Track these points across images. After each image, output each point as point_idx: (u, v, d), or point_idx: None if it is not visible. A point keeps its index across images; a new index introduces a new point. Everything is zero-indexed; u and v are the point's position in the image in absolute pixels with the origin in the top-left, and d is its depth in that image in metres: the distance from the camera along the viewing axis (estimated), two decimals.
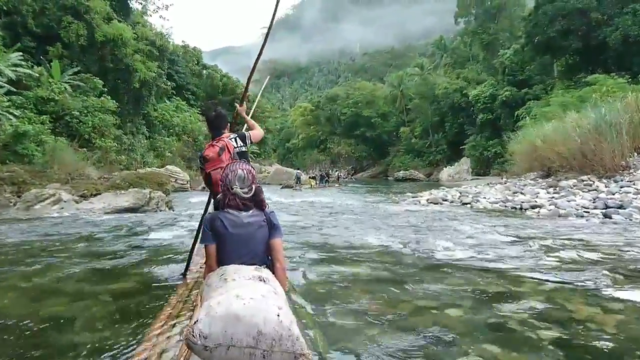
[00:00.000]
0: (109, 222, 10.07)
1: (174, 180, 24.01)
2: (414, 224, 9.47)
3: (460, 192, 15.38)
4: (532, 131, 18.38)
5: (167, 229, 9.11)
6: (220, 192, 2.71)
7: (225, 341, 1.71)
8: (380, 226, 9.17)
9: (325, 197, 20.33)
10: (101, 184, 18.85)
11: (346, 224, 9.74)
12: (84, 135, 23.65)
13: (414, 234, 7.92)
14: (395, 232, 8.27)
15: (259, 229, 2.54)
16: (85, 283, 4.69)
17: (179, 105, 41.19)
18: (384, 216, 11.12)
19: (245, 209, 2.55)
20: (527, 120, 25.86)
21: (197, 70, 49.39)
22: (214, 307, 1.78)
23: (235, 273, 2.20)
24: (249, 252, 2.49)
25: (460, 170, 41.96)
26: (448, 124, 57.39)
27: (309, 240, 7.51)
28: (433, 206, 13.73)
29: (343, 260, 5.79)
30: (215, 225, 2.51)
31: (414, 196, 16.52)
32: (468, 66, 60.13)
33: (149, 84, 31.33)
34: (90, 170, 20.70)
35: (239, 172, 2.59)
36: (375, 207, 14.25)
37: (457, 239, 7.34)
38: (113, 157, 25.08)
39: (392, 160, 66.12)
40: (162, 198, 13.04)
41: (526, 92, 42.40)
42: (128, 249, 6.79)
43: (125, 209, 11.89)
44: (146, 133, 33.89)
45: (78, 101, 24.39)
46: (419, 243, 6.98)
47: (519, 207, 11.64)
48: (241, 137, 4.00)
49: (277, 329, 1.74)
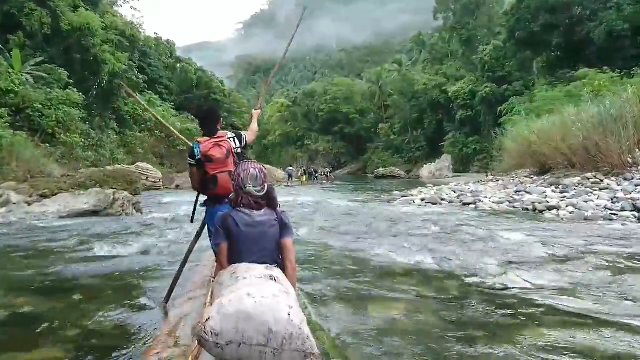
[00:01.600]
0: (61, 229, 8.59)
1: (145, 178, 22.46)
2: (428, 229, 8.42)
3: (455, 191, 14.45)
4: (525, 126, 17.56)
5: (131, 239, 7.55)
6: (222, 195, 2.99)
7: (236, 339, 1.71)
8: (390, 233, 8.08)
9: (311, 196, 19.07)
10: (64, 182, 17.27)
11: (349, 230, 8.63)
12: (47, 130, 21.94)
13: (437, 245, 6.74)
14: (413, 241, 7.11)
15: (270, 228, 2.52)
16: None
17: (151, 99, 39.35)
18: (386, 220, 10.00)
19: (258, 207, 2.54)
20: (513, 116, 25.23)
21: (170, 64, 47.50)
22: (225, 304, 1.78)
23: (247, 271, 2.19)
24: (260, 251, 2.47)
25: (442, 167, 41.46)
26: (427, 120, 56.98)
27: (314, 259, 6.04)
28: (432, 207, 12.69)
29: (368, 296, 4.25)
30: (227, 223, 2.50)
31: (403, 195, 15.52)
32: (447, 62, 59.70)
33: (119, 76, 29.61)
34: (53, 168, 19.12)
35: (251, 171, 2.57)
36: (369, 208, 13.14)
37: (494, 252, 6.14)
38: (79, 154, 23.42)
39: (370, 157, 65.47)
40: (128, 199, 11.59)
41: (506, 88, 42.23)
42: (68, 276, 4.97)
43: (84, 212, 10.40)
44: (116, 128, 32.13)
45: (41, 93, 22.63)
46: (452, 259, 5.71)
47: (531, 208, 10.67)
48: (238, 138, 3.71)
49: (287, 327, 1.73)
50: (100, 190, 10.93)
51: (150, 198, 17.87)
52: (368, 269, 5.41)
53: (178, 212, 12.09)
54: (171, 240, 7.44)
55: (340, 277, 5.02)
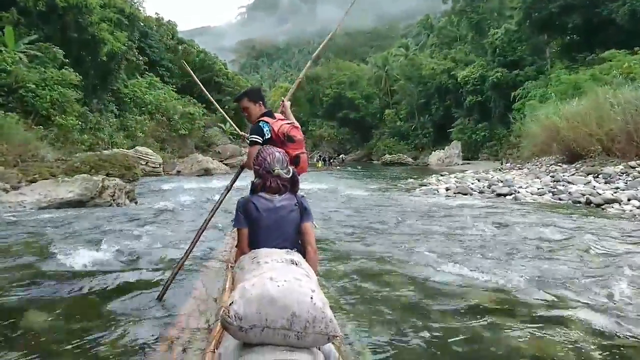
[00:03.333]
0: (34, 225, 7.26)
1: (144, 163, 21.33)
2: (481, 228, 7.04)
3: (479, 180, 13.30)
4: (551, 111, 16.35)
5: (117, 240, 6.02)
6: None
7: (260, 323, 1.69)
8: (434, 235, 6.72)
9: (324, 183, 17.80)
10: (57, 167, 16.27)
11: (381, 229, 7.32)
12: (41, 112, 20.81)
13: (515, 255, 5.23)
14: (474, 248, 5.61)
15: (290, 213, 2.49)
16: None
17: (152, 81, 38.09)
18: (419, 214, 8.73)
19: (285, 190, 2.53)
20: (529, 100, 23.98)
21: (172, 45, 45.95)
22: (248, 289, 1.76)
23: (268, 256, 2.17)
24: (281, 236, 2.45)
25: (451, 154, 40.26)
26: (434, 106, 55.58)
27: (342, 274, 4.46)
28: (464, 198, 11.39)
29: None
30: (248, 208, 2.48)
31: (422, 184, 14.37)
32: (456, 47, 58.14)
33: (117, 56, 28.36)
34: (46, 151, 18.06)
35: (277, 154, 2.59)
36: (391, 199, 11.90)
37: (605, 268, 4.67)
38: (75, 137, 22.30)
39: (376, 144, 64.13)
40: (120, 187, 10.33)
41: (517, 73, 40.98)
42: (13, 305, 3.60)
43: (68, 202, 9.16)
44: (115, 111, 30.93)
45: (35, 73, 21.50)
46: (565, 283, 4.13)
47: (584, 201, 9.45)
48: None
49: (310, 311, 1.71)
50: (87, 177, 9.69)
51: (149, 184, 16.78)
52: (430, 296, 3.85)
53: (178, 202, 11.00)
54: (166, 241, 6.17)
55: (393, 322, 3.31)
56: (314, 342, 1.73)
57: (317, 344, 1.78)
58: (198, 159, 25.64)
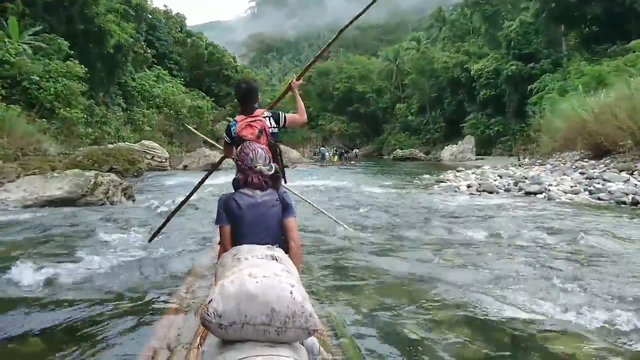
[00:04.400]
0: (11, 226, 6.49)
1: (150, 157, 20.73)
2: (536, 236, 5.91)
3: (501, 176, 12.51)
4: (576, 103, 15.49)
5: (94, 247, 5.12)
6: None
7: (239, 319, 1.67)
8: (470, 243, 5.69)
9: (338, 179, 17.07)
10: (59, 161, 15.76)
11: (406, 236, 6.32)
12: (45, 104, 20.31)
13: (604, 284, 3.93)
14: (530, 266, 4.53)
15: (272, 208, 2.44)
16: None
17: (160, 74, 37.59)
18: (445, 217, 7.80)
19: (266, 187, 2.47)
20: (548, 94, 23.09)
21: (180, 38, 45.41)
22: (227, 286, 1.73)
23: (248, 252, 2.12)
24: (263, 231, 2.39)
25: (464, 149, 39.33)
26: (447, 100, 54.57)
27: (380, 311, 3.52)
28: (488, 196, 10.46)
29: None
30: (229, 206, 2.43)
31: (440, 180, 13.61)
32: (469, 39, 56.97)
33: (124, 48, 27.82)
34: (49, 145, 17.56)
35: (259, 151, 2.55)
36: (409, 198, 11.00)
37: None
38: (80, 131, 21.79)
39: (386, 138, 63.18)
40: (115, 183, 9.53)
41: (533, 66, 39.92)
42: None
43: (55, 200, 8.38)
44: (123, 105, 30.47)
45: (39, 65, 21.01)
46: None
47: (629, 201, 8.56)
48: (275, 118, 3.60)
49: (290, 306, 1.69)
50: (79, 172, 8.99)
51: (153, 180, 16.18)
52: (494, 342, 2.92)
53: (179, 199, 10.20)
54: (161, 250, 5.36)
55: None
56: (294, 336, 1.72)
57: (299, 339, 1.77)
58: (205, 153, 25.00)
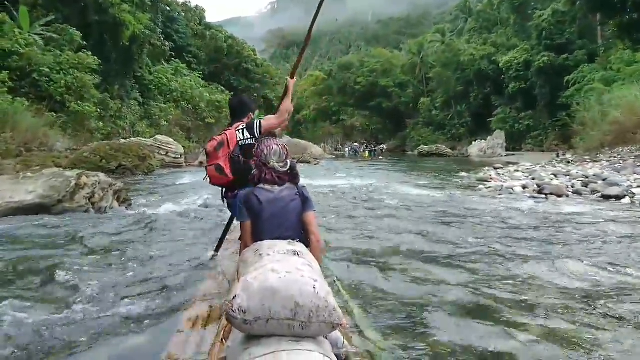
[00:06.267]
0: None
1: (164, 153, 19.59)
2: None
3: (556, 175, 11.00)
4: (635, 92, 13.86)
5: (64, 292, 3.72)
6: (217, 184, 3.38)
7: (264, 315, 1.66)
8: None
9: (371, 178, 15.64)
10: (66, 157, 14.78)
11: (482, 259, 4.76)
12: (56, 97, 19.36)
13: None
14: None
15: (292, 202, 2.46)
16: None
17: (178, 68, 36.57)
18: (517, 229, 6.27)
19: (281, 183, 2.49)
20: (594, 84, 21.36)
21: (199, 31, 44.34)
22: (250, 282, 1.74)
23: (270, 248, 2.12)
24: (283, 226, 2.40)
25: (494, 144, 37.58)
26: (473, 94, 52.62)
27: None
28: (559, 201, 8.74)
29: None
30: (250, 201, 2.45)
31: (480, 179, 12.14)
32: (496, 31, 54.89)
33: (140, 39, 26.82)
34: (58, 140, 16.60)
35: (274, 147, 2.55)
36: (457, 200, 9.43)
37: None
38: (92, 125, 20.80)
39: (409, 134, 61.64)
40: (104, 186, 7.76)
41: (566, 57, 37.92)
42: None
43: (24, 207, 6.73)
44: (139, 99, 29.52)
45: (50, 56, 20.07)
46: None
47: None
48: (249, 128, 3.51)
49: (314, 300, 1.69)
50: (58, 171, 7.42)
51: (163, 178, 14.98)
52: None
53: (184, 205, 8.58)
54: (150, 293, 3.76)
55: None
56: (319, 331, 1.70)
57: (323, 333, 1.74)
58: None
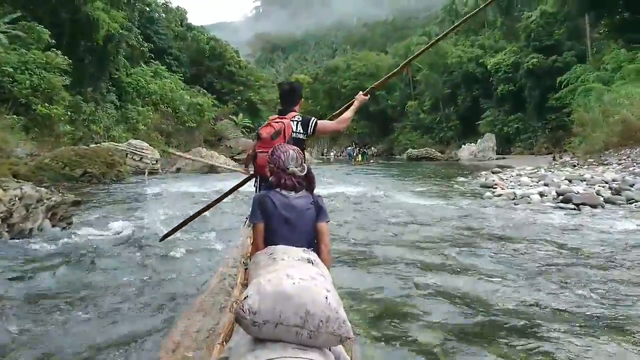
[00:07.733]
0: None
1: (138, 159, 18.20)
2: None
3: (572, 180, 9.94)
4: None
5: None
6: (264, 175, 2.98)
7: (273, 319, 1.62)
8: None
9: (361, 185, 14.57)
10: (25, 164, 13.40)
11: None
12: (20, 99, 17.96)
13: None
14: None
15: (307, 211, 2.41)
16: None
17: (157, 70, 35.13)
18: (570, 259, 5.21)
19: (300, 189, 2.45)
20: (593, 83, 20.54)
21: (180, 32, 42.97)
22: (264, 284, 1.70)
23: (285, 253, 2.07)
24: (296, 233, 2.36)
25: (484, 147, 36.78)
26: (461, 97, 52.01)
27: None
28: (595, 213, 7.68)
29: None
30: (264, 203, 2.41)
31: (484, 185, 11.05)
32: (484, 33, 54.44)
33: (115, 39, 25.44)
34: (17, 145, 15.20)
35: (291, 152, 2.52)
36: (473, 214, 8.33)
37: None
38: (62, 129, 19.41)
39: (397, 137, 60.86)
40: (30, 201, 6.06)
41: (555, 59, 37.39)
42: None
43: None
44: (116, 102, 28.09)
45: (14, 55, 18.67)
46: None
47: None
48: (304, 123, 3.46)
49: (325, 311, 1.65)
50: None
51: (132, 187, 13.59)
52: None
53: (146, 224, 7.21)
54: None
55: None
56: (326, 342, 1.67)
57: (329, 345, 1.71)
58: (202, 153, 22.38)
